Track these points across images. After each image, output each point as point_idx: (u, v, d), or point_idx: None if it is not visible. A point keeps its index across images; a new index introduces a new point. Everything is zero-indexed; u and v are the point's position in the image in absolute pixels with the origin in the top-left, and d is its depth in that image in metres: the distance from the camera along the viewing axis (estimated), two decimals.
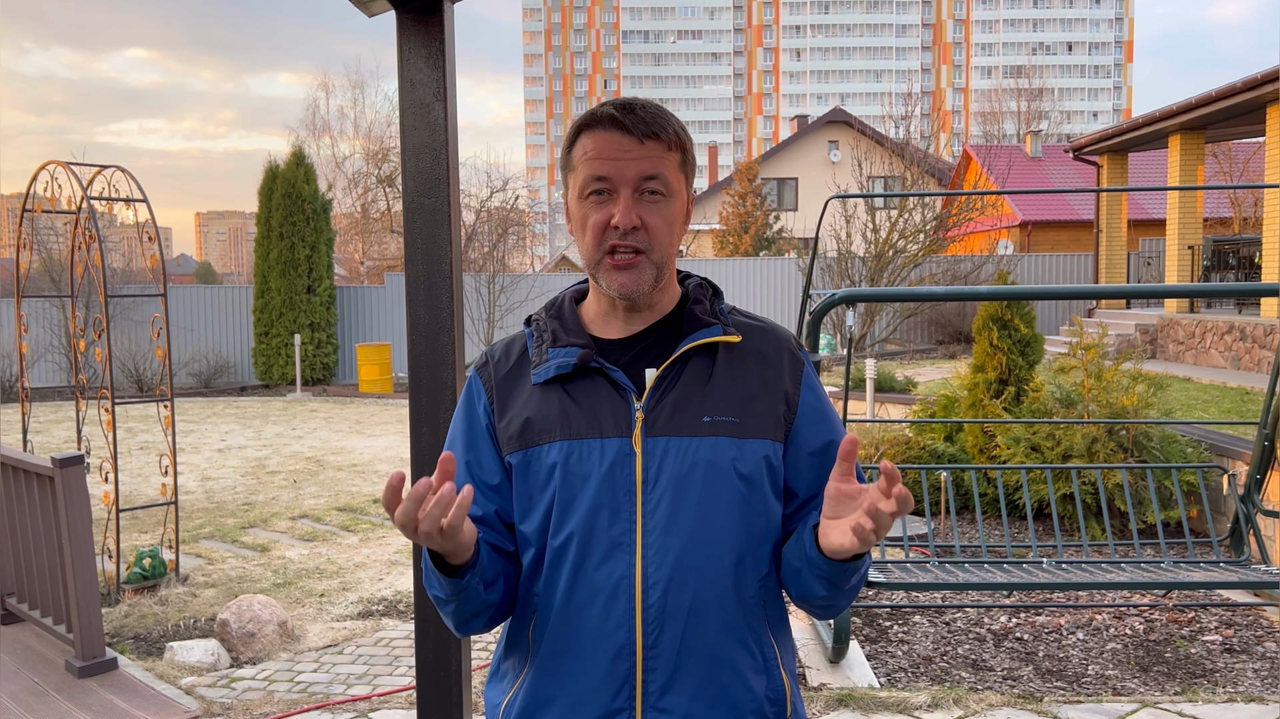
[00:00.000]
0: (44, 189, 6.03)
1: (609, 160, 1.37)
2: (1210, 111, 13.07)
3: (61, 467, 4.33)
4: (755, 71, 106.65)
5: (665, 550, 1.35)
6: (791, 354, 1.48)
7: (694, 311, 1.45)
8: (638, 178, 1.37)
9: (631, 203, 1.37)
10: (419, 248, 2.21)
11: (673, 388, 1.40)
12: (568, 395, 1.40)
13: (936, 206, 19.72)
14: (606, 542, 1.36)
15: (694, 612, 1.35)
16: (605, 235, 1.38)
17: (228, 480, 9.32)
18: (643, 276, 1.39)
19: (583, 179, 1.39)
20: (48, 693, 4.21)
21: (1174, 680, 4.37)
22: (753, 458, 1.39)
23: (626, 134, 1.37)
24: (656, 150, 1.38)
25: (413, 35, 2.17)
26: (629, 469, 1.36)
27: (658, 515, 1.36)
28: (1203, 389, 10.30)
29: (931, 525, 5.46)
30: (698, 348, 1.42)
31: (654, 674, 1.35)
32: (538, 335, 1.47)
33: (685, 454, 1.37)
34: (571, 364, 1.40)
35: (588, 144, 1.39)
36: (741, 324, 1.48)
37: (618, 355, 1.43)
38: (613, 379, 1.40)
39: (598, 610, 1.35)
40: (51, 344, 17.09)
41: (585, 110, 1.45)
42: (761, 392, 1.42)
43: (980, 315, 7.57)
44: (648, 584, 1.35)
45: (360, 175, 31.41)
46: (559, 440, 1.38)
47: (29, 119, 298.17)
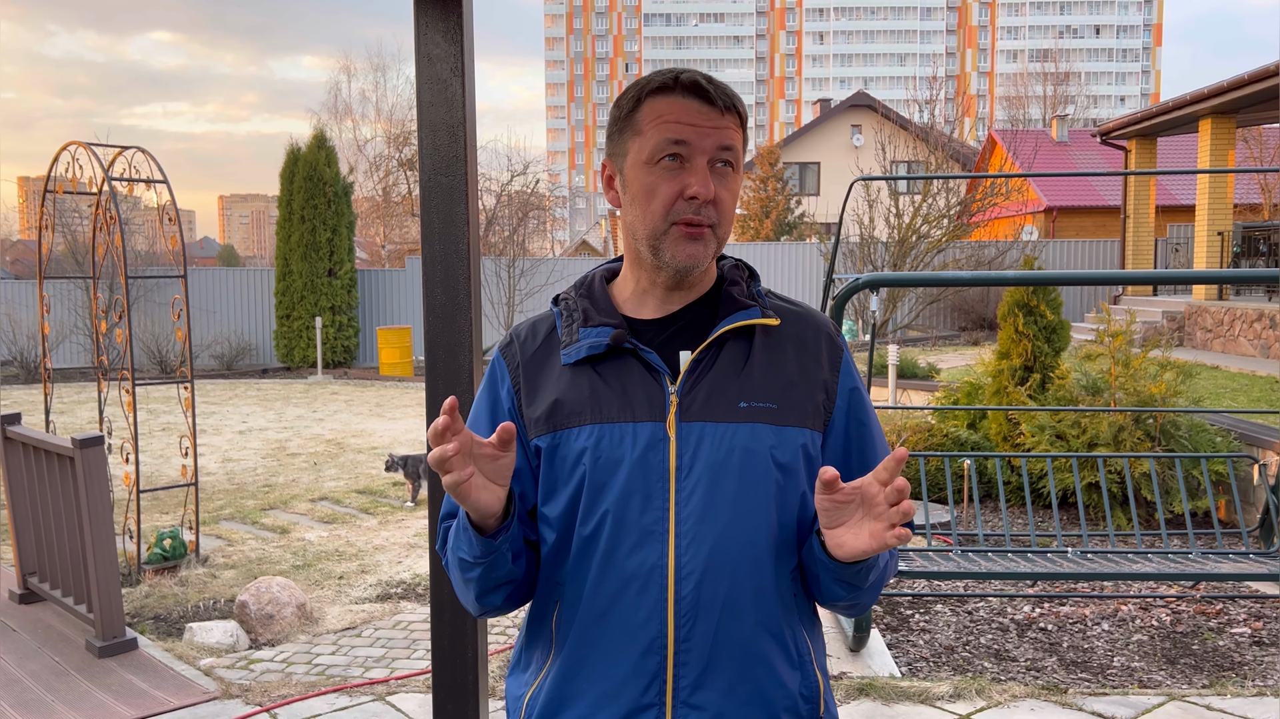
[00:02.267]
0: (65, 170, 6.03)
1: (689, 126, 1.30)
2: (1242, 95, 12.83)
3: (82, 447, 4.33)
4: (778, 55, 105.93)
5: (700, 540, 1.30)
6: (830, 340, 1.42)
7: (731, 293, 1.39)
8: (715, 148, 1.31)
9: (708, 173, 1.31)
10: (436, 227, 2.17)
11: (709, 371, 1.34)
12: (599, 377, 1.34)
13: (961, 191, 19.52)
14: (638, 530, 1.30)
15: (728, 604, 1.30)
16: (676, 205, 1.31)
17: (248, 462, 9.36)
18: (708, 250, 1.34)
19: (655, 143, 1.31)
20: (68, 672, 4.23)
21: (1201, 673, 4.30)
22: (790, 446, 1.33)
23: (708, 102, 1.31)
24: (733, 123, 1.33)
25: (430, 10, 2.12)
26: (662, 455, 1.31)
27: (692, 503, 1.30)
28: (1231, 377, 10.15)
29: (954, 513, 5.40)
30: (734, 331, 1.36)
31: (685, 669, 1.30)
32: (567, 314, 1.40)
33: (721, 440, 1.31)
34: (604, 344, 1.34)
35: (660, 108, 1.32)
36: (779, 307, 1.42)
37: (651, 336, 1.37)
38: (646, 361, 1.34)
39: (628, 601, 1.30)
40: (75, 325, 17.22)
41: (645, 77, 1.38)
42: (800, 378, 1.37)
43: (1005, 301, 7.47)
44: (680, 575, 1.29)
45: (381, 159, 31.45)
46: (590, 424, 1.32)
47: (55, 102, 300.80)
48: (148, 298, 17.34)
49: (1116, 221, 21.01)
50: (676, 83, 1.33)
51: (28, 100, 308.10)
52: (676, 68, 1.37)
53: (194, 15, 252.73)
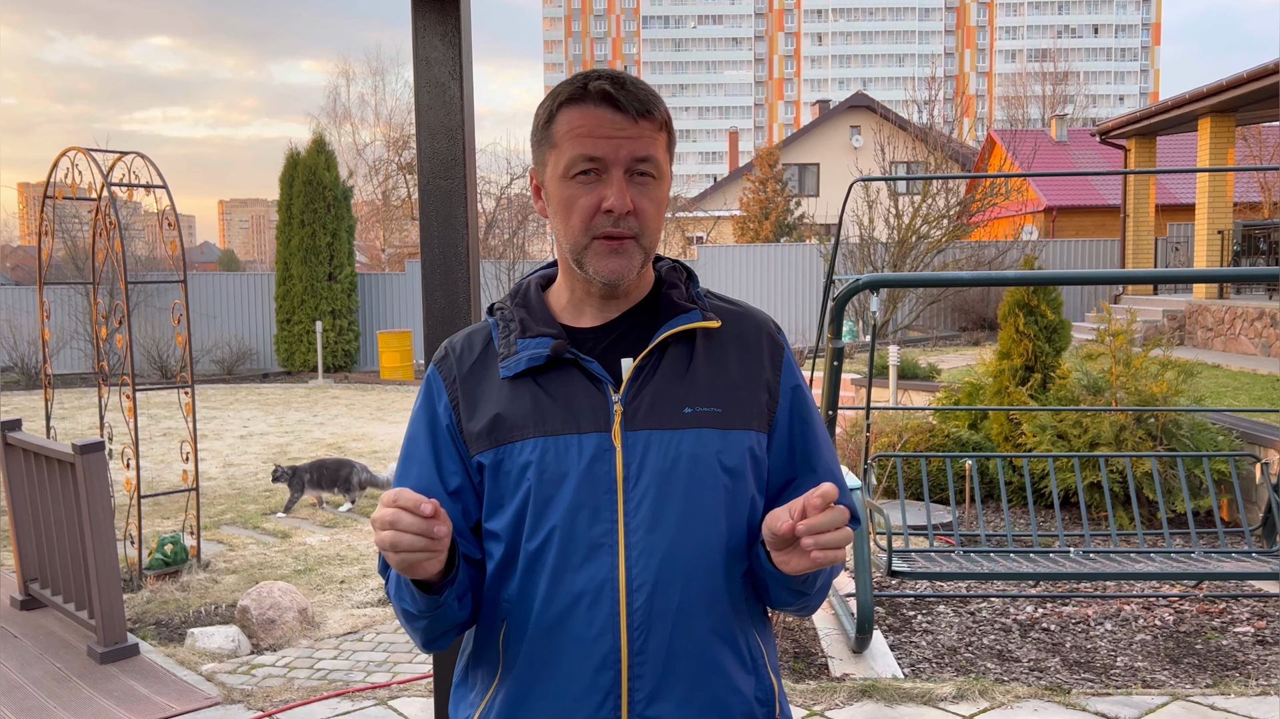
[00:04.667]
0: (64, 176, 6.03)
1: (602, 139, 1.27)
2: (1241, 94, 12.84)
3: (82, 453, 4.33)
4: (776, 56, 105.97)
5: (650, 551, 1.27)
6: (771, 339, 1.41)
7: (670, 296, 1.36)
8: (630, 158, 1.28)
9: (624, 184, 1.28)
10: (435, 231, 2.16)
11: (652, 378, 1.32)
12: (541, 389, 1.31)
13: (960, 191, 19.52)
14: (587, 543, 1.28)
15: (681, 614, 1.28)
16: (595, 219, 1.28)
17: (249, 467, 9.36)
18: (632, 262, 1.31)
19: (570, 158, 1.28)
20: (70, 678, 4.23)
21: (1205, 673, 4.29)
22: (737, 449, 1.32)
23: (619, 111, 1.27)
24: (649, 130, 1.29)
25: (428, 12, 2.12)
26: (609, 466, 1.28)
27: (641, 514, 1.28)
28: (1233, 376, 10.14)
29: (956, 514, 5.39)
30: (676, 335, 1.34)
31: (640, 682, 1.27)
32: (504, 325, 1.37)
33: (668, 448, 1.29)
34: (544, 355, 1.31)
35: (574, 119, 1.29)
36: (719, 308, 1.40)
37: (591, 345, 1.34)
38: (588, 371, 1.31)
39: (579, 617, 1.27)
40: (75, 331, 17.22)
41: (559, 85, 1.33)
42: (743, 380, 1.35)
43: (1006, 301, 7.46)
44: (632, 587, 1.27)
45: (381, 162, 31.48)
46: (533, 438, 1.29)
47: (55, 107, 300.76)
48: (148, 303, 17.34)
49: (1116, 221, 21.01)
50: (586, 92, 1.29)
51: (27, 106, 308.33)
52: (591, 72, 1.32)
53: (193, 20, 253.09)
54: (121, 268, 5.75)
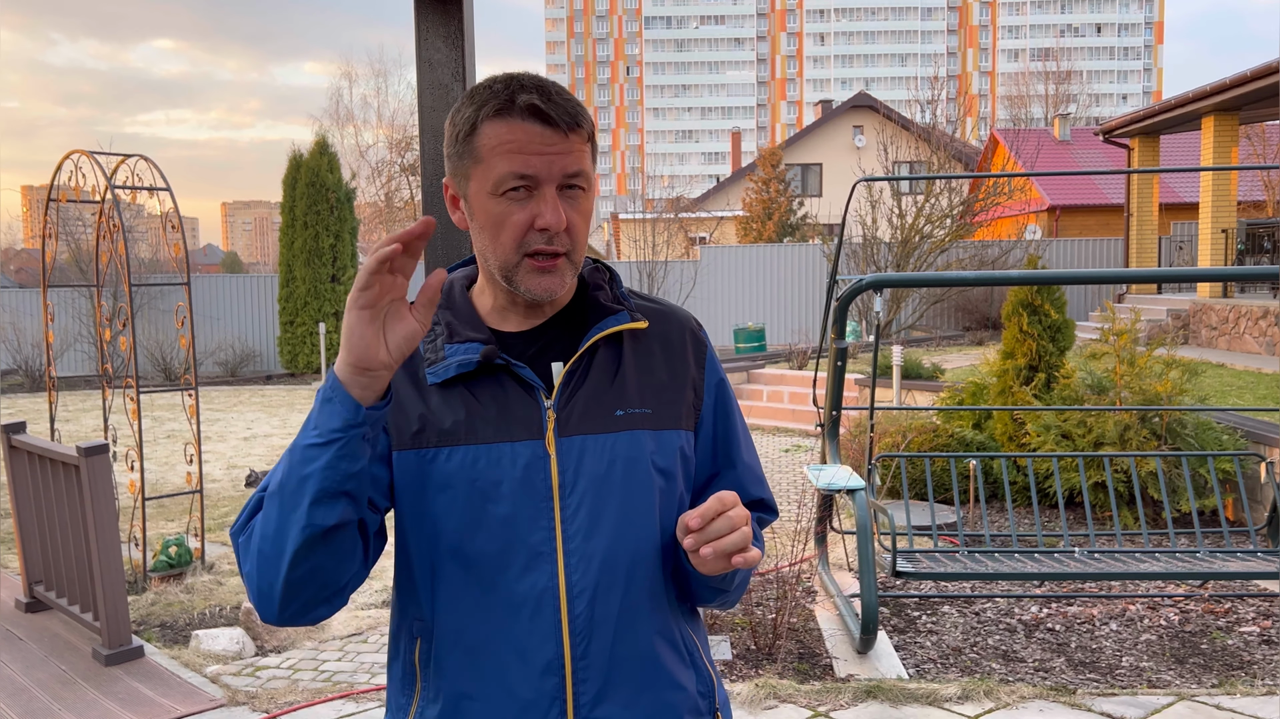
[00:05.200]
0: (68, 179, 6.04)
1: (534, 156, 1.22)
2: (1245, 92, 12.81)
3: (87, 455, 4.33)
4: (779, 56, 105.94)
5: (589, 557, 1.26)
6: (694, 336, 1.41)
7: (596, 298, 1.35)
8: (563, 174, 1.24)
9: (558, 201, 1.24)
10: (437, 233, 2.16)
11: (583, 382, 1.30)
12: (471, 396, 1.27)
13: (963, 191, 19.50)
14: (525, 552, 1.25)
15: (623, 617, 1.28)
16: (527, 236, 1.24)
17: (254, 469, 9.36)
18: (564, 279, 1.28)
19: (499, 175, 1.23)
20: (75, 681, 4.23)
21: (1211, 673, 4.28)
22: (669, 449, 1.32)
23: (550, 126, 1.22)
24: (578, 143, 1.25)
25: (431, 14, 2.12)
26: (544, 473, 1.26)
27: (578, 520, 1.27)
28: (1237, 375, 10.12)
29: (960, 514, 5.39)
30: (604, 338, 1.32)
31: (585, 686, 1.27)
32: (430, 331, 1.31)
33: (602, 452, 1.28)
34: (474, 362, 1.27)
35: (502, 134, 1.22)
36: (644, 308, 1.39)
37: (521, 350, 1.31)
38: (520, 377, 1.28)
39: (520, 627, 1.25)
40: (79, 333, 17.25)
41: (477, 90, 1.26)
42: (670, 379, 1.35)
43: (1010, 301, 7.46)
44: (573, 594, 1.26)
45: (384, 164, 31.51)
46: (464, 445, 1.25)
47: (59, 110, 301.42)
48: (151, 305, 17.36)
49: (1120, 220, 20.98)
50: (513, 105, 1.23)
51: (31, 109, 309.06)
52: (510, 78, 1.26)
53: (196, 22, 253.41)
54: (125, 270, 5.75)
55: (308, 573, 1.19)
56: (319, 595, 1.22)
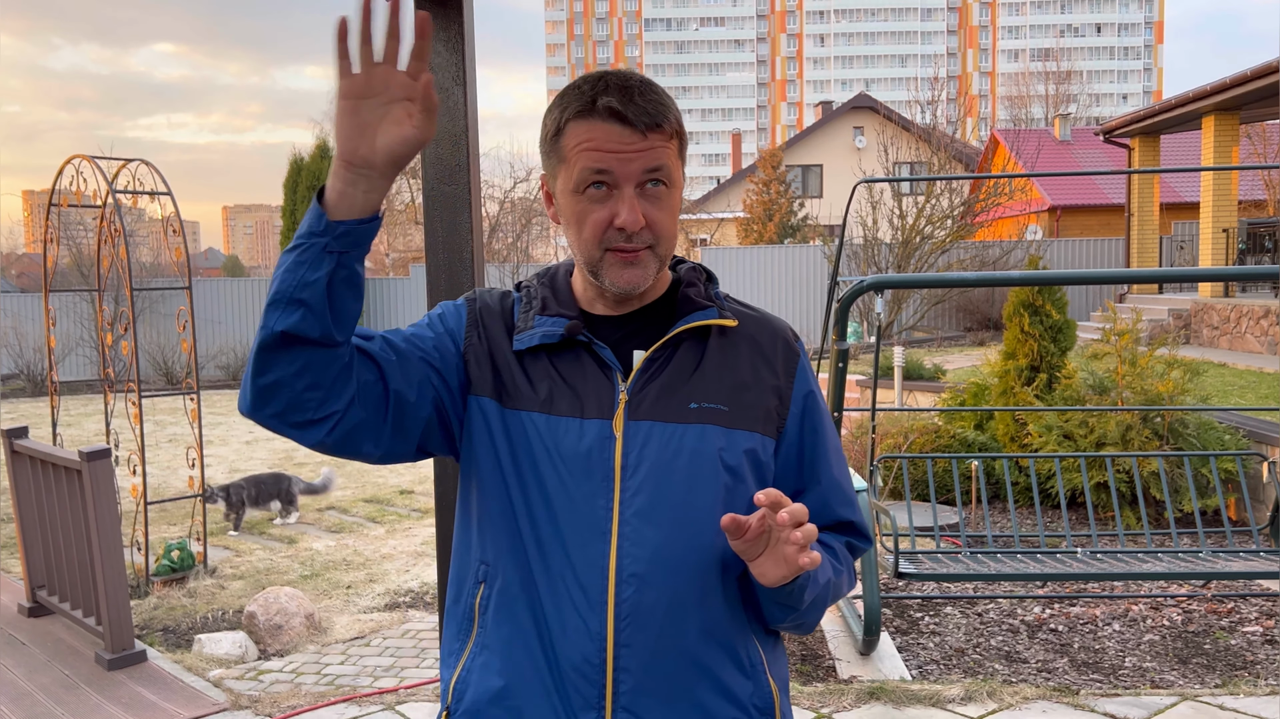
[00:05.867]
0: (70, 183, 6.04)
1: (610, 154, 1.25)
2: (1245, 92, 12.81)
3: (89, 460, 4.34)
4: (779, 58, 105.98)
5: (642, 542, 1.26)
6: (788, 345, 1.40)
7: (688, 294, 1.37)
8: (641, 172, 1.26)
9: (636, 200, 1.26)
10: (439, 236, 2.17)
11: (661, 371, 1.32)
12: (552, 367, 1.31)
13: (964, 192, 19.50)
14: (580, 528, 1.27)
15: (671, 609, 1.27)
16: (607, 233, 1.27)
17: (255, 472, 9.36)
18: (647, 271, 1.30)
19: (579, 173, 1.27)
20: (78, 685, 4.23)
21: (1214, 673, 4.27)
22: (739, 449, 1.31)
23: (628, 126, 1.25)
24: (659, 141, 1.27)
25: (431, 19, 2.12)
26: (608, 453, 1.28)
27: (636, 503, 1.27)
28: (1239, 375, 10.11)
29: (963, 515, 5.38)
30: (690, 332, 1.34)
31: (626, 674, 1.26)
32: (527, 300, 1.37)
33: (669, 441, 1.28)
34: (558, 335, 1.31)
35: (582, 134, 1.26)
36: (737, 311, 1.40)
37: (607, 333, 1.34)
38: (599, 357, 1.31)
39: (566, 601, 1.27)
40: (81, 338, 17.25)
41: (567, 90, 1.30)
42: (753, 381, 1.34)
43: (1011, 301, 7.45)
44: (622, 577, 1.26)
45: None
46: (539, 413, 1.29)
47: (60, 115, 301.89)
48: (153, 309, 17.37)
49: (1121, 220, 20.97)
50: (594, 108, 1.26)
51: (32, 113, 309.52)
52: (598, 78, 1.28)
53: (197, 26, 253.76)
54: (126, 274, 5.76)
55: (273, 384, 1.18)
56: (291, 415, 1.21)
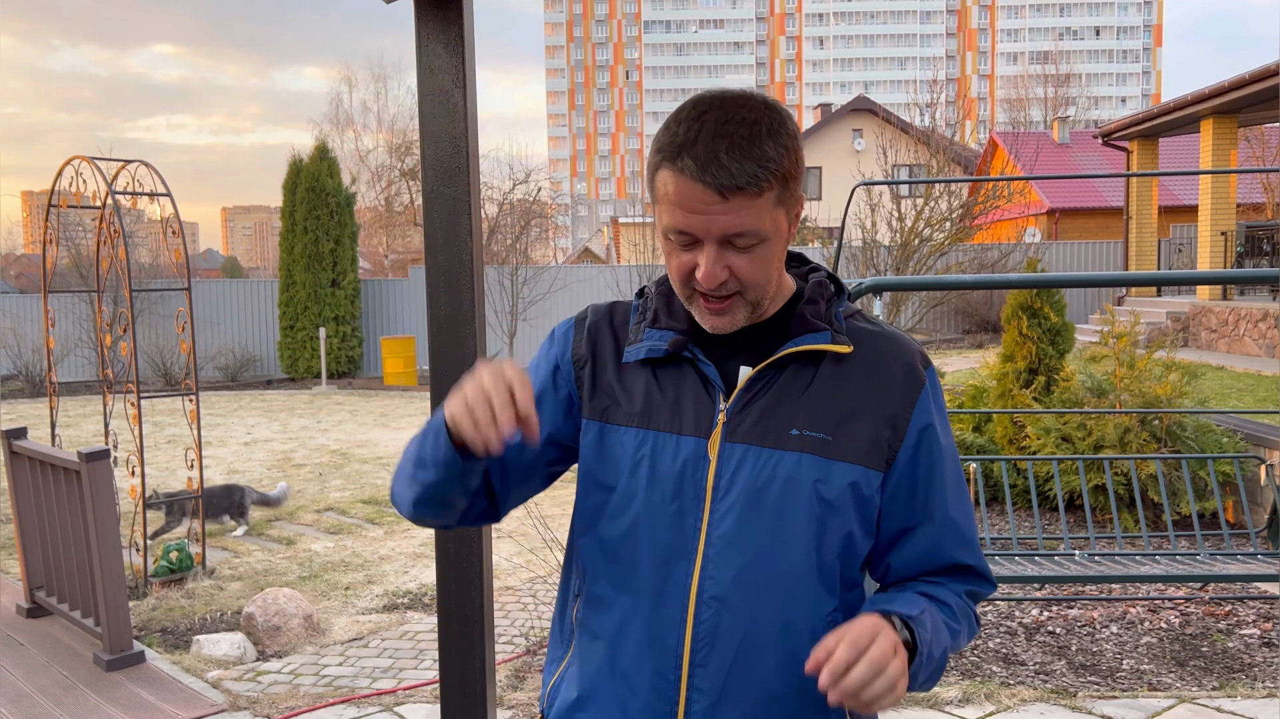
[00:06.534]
0: (69, 184, 6.05)
1: (691, 214, 1.21)
2: (1243, 95, 12.83)
3: (88, 461, 4.34)
4: (778, 60, 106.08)
5: (726, 565, 1.24)
6: (911, 371, 1.31)
7: (805, 313, 1.30)
8: (721, 233, 1.21)
9: (718, 256, 1.22)
10: (439, 238, 2.17)
11: (765, 393, 1.28)
12: (655, 381, 1.31)
13: (963, 194, 19.51)
14: (666, 546, 1.26)
15: (750, 637, 1.24)
16: (690, 280, 1.25)
17: (254, 473, 9.36)
18: (736, 317, 1.27)
19: (665, 221, 1.24)
20: (76, 686, 4.23)
21: (1211, 675, 4.28)
22: (838, 482, 1.26)
23: (709, 188, 1.19)
24: (744, 202, 1.19)
25: (431, 21, 2.12)
26: (701, 473, 1.26)
27: (724, 527, 1.25)
28: (1237, 378, 10.12)
29: None
30: (800, 353, 1.28)
31: (700, 695, 1.25)
32: (642, 311, 1.36)
33: (764, 467, 1.25)
34: (663, 350, 1.30)
35: (668, 184, 1.22)
36: (859, 331, 1.32)
37: (716, 347, 1.31)
38: (703, 373, 1.29)
39: (646, 619, 1.27)
40: (80, 339, 17.25)
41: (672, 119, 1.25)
42: (864, 411, 1.27)
43: (1009, 304, 7.46)
44: (702, 598, 1.24)
45: (383, 169, 31.55)
46: (636, 427, 1.29)
47: (59, 116, 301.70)
48: (152, 310, 17.37)
49: (1119, 223, 20.99)
50: (682, 162, 1.20)
51: (31, 114, 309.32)
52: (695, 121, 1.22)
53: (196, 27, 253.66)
54: (126, 275, 5.76)
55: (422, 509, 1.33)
56: (439, 519, 1.35)
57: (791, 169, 1.24)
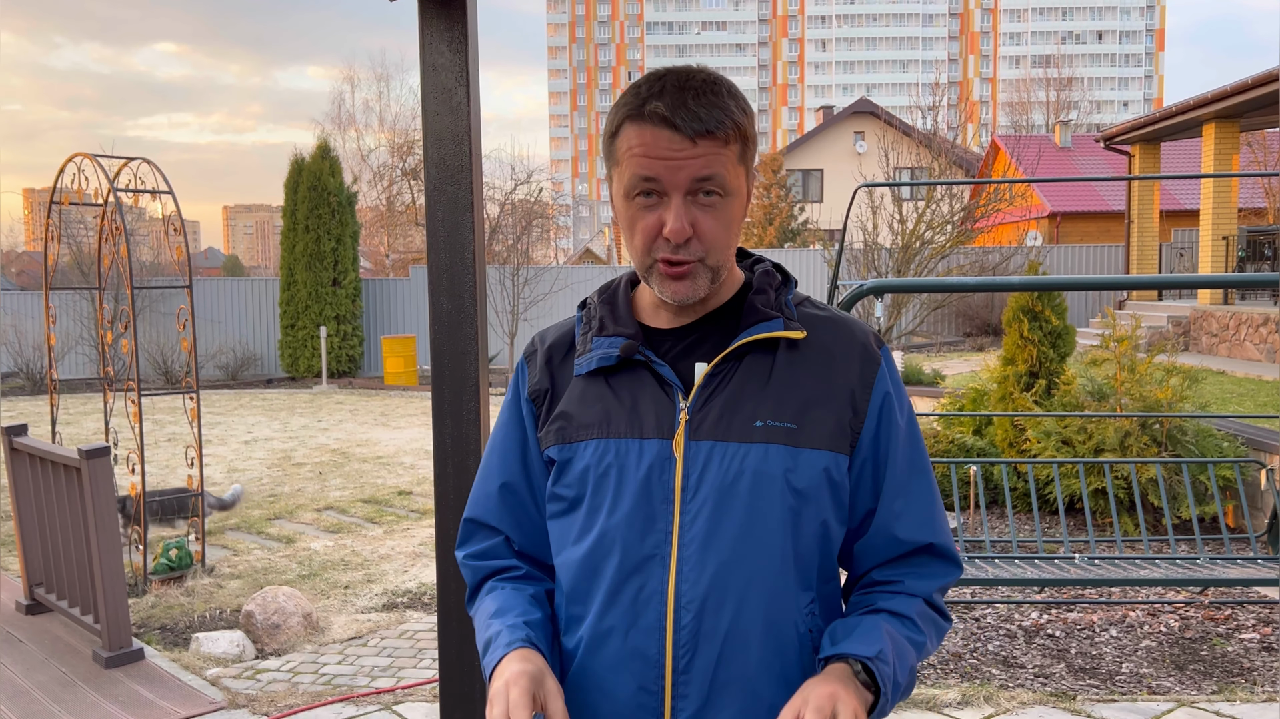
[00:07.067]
0: (71, 182, 6.05)
1: (658, 160, 1.20)
2: (1245, 100, 12.83)
3: (88, 458, 4.34)
4: (780, 62, 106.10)
5: (702, 567, 1.22)
6: (865, 352, 1.30)
7: (755, 303, 1.30)
8: (690, 181, 1.20)
9: (684, 209, 1.21)
10: (441, 236, 2.17)
11: (724, 387, 1.26)
12: (610, 389, 1.28)
13: (964, 197, 19.51)
14: (639, 554, 1.24)
15: (732, 637, 1.22)
16: (655, 243, 1.23)
17: (254, 472, 9.37)
18: (697, 284, 1.25)
19: (629, 179, 1.23)
20: (75, 683, 4.23)
21: (1211, 679, 4.27)
22: (810, 470, 1.24)
23: (676, 132, 1.19)
24: (711, 148, 1.20)
25: (434, 20, 2.12)
26: (668, 475, 1.24)
27: (696, 528, 1.23)
28: (1238, 382, 10.12)
29: (961, 520, 5.39)
30: (756, 343, 1.27)
31: (684, 702, 1.23)
32: (586, 322, 1.35)
33: (731, 462, 1.23)
34: (615, 356, 1.28)
35: (633, 138, 1.22)
36: (810, 317, 1.32)
37: (668, 347, 1.30)
38: (659, 374, 1.27)
39: (625, 628, 1.24)
40: (81, 336, 17.25)
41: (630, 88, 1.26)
42: (825, 395, 1.26)
43: (1011, 307, 7.46)
44: (680, 603, 1.22)
45: (385, 168, 31.53)
46: (596, 439, 1.27)
47: (61, 113, 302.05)
48: (153, 308, 17.37)
49: (1121, 227, 21.00)
50: (644, 110, 1.21)
51: (33, 112, 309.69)
52: (658, 78, 1.24)
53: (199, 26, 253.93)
54: (127, 273, 5.76)
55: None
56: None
57: (750, 132, 1.26)
